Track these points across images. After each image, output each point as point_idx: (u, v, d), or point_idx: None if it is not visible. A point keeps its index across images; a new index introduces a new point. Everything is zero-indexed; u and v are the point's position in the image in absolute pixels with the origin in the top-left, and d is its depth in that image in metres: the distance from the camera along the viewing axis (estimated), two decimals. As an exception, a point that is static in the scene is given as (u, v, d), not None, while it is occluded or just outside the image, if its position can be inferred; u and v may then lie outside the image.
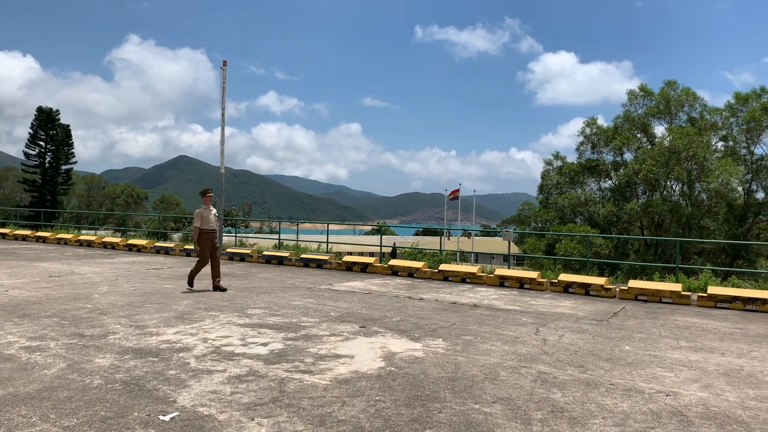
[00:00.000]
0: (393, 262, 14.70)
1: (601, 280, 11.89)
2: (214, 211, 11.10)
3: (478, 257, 40.48)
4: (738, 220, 36.68)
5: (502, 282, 12.81)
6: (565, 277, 12.27)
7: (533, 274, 12.69)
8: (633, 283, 11.62)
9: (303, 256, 15.96)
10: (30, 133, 58.43)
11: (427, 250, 17.21)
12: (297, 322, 7.87)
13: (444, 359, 6.11)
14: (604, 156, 41.29)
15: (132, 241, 19.82)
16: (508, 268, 14.11)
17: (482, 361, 6.06)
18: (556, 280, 12.30)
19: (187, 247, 18.07)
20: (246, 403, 4.55)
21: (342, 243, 21.13)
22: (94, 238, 21.03)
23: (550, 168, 43.13)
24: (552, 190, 41.97)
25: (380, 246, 17.97)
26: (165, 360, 5.75)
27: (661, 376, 5.75)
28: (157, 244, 18.96)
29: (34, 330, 6.91)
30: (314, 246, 19.02)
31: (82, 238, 21.28)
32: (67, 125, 60.30)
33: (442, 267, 13.76)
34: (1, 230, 24.12)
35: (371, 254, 25.85)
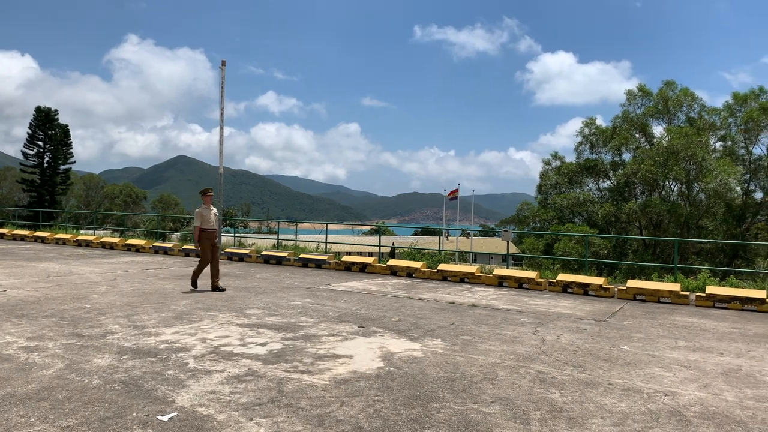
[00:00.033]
0: (392, 262, 14.70)
1: (599, 280, 11.90)
2: (214, 211, 11.10)
3: (476, 257, 40.49)
4: (736, 220, 36.73)
5: (500, 282, 12.81)
6: (563, 277, 12.27)
7: (532, 274, 12.70)
8: (631, 283, 11.64)
9: (302, 256, 15.96)
10: (28, 133, 58.42)
11: (426, 250, 17.21)
12: (296, 322, 7.87)
13: (443, 359, 6.12)
14: (602, 156, 41.34)
15: (130, 241, 19.81)
16: (507, 268, 14.12)
17: (481, 361, 6.06)
18: (555, 280, 12.31)
19: (185, 247, 18.06)
20: (245, 403, 4.55)
21: (341, 243, 21.14)
22: (92, 238, 21.02)
23: (549, 168, 43.17)
24: (550, 190, 42.01)
25: (379, 246, 17.97)
26: (163, 360, 5.75)
27: (660, 375, 5.76)
28: (156, 244, 18.95)
29: (33, 330, 6.91)
30: (313, 246, 19.02)
31: (80, 238, 21.27)
32: (66, 125, 60.28)
33: (441, 267, 13.77)
34: (-1, 230, 24.10)
35: (370, 254, 25.86)
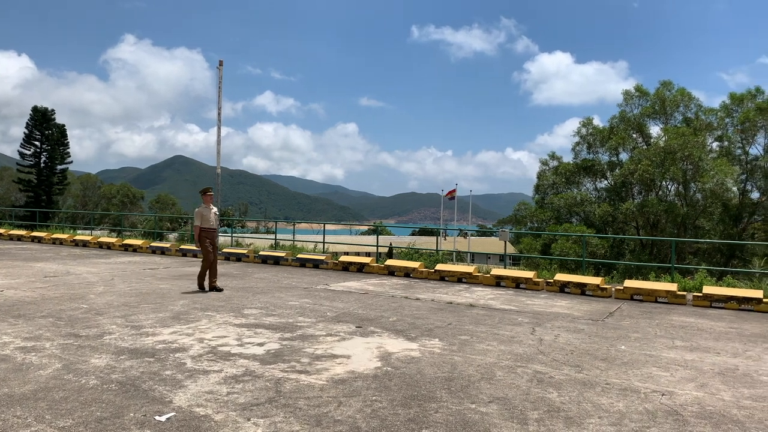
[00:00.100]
0: (389, 262, 14.70)
1: (596, 280, 11.92)
2: (214, 210, 11.08)
3: (474, 257, 40.50)
4: (733, 220, 36.83)
5: (498, 282, 12.82)
6: (561, 277, 12.29)
7: (529, 274, 12.71)
8: (629, 283, 11.66)
9: (299, 256, 15.95)
10: (25, 133, 58.29)
11: (424, 250, 17.22)
12: (293, 322, 7.86)
13: (440, 359, 6.12)
14: (599, 156, 41.43)
15: (128, 241, 19.77)
16: (505, 268, 14.14)
17: (478, 361, 6.07)
18: (552, 280, 12.32)
19: (183, 247, 18.04)
20: (242, 404, 4.55)
21: (338, 243, 21.14)
22: (89, 238, 20.97)
23: (546, 168, 43.25)
24: (548, 190, 42.08)
25: (377, 246, 17.98)
26: (161, 360, 5.74)
27: (657, 375, 5.77)
28: (153, 244, 18.92)
29: (30, 330, 6.89)
30: (311, 246, 19.01)
31: (77, 238, 21.22)
32: (63, 125, 60.14)
33: (439, 267, 13.78)
34: (-4, 230, 24.03)
35: (368, 254, 25.87)
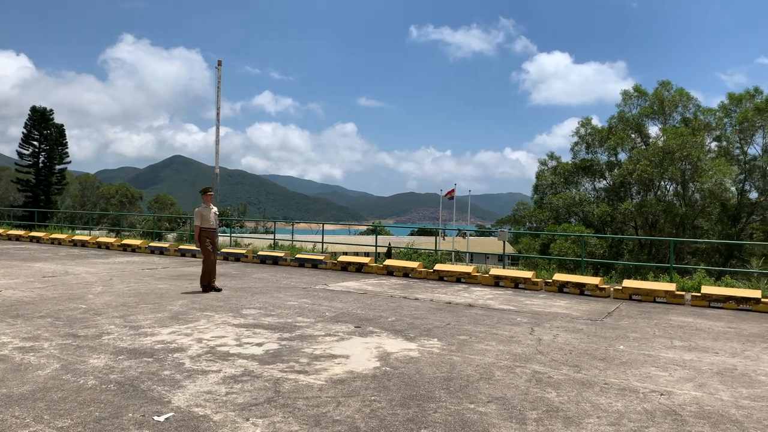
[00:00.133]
0: (388, 262, 14.70)
1: (595, 280, 11.93)
2: (214, 210, 11.06)
3: (473, 257, 40.52)
4: (731, 220, 36.89)
5: (497, 282, 12.83)
6: (559, 277, 12.30)
7: (528, 274, 12.71)
8: (627, 283, 11.67)
9: (298, 256, 15.95)
10: (24, 133, 58.20)
11: (423, 250, 17.22)
12: (292, 323, 7.86)
13: (439, 359, 6.12)
14: (598, 156, 41.48)
15: (126, 241, 19.75)
16: (503, 268, 14.14)
17: (477, 361, 6.07)
18: (551, 280, 12.33)
19: (181, 247, 18.03)
20: (241, 404, 4.55)
21: (337, 243, 21.15)
22: (88, 238, 20.95)
23: (545, 168, 43.29)
24: (547, 190, 42.12)
25: (375, 246, 17.98)
26: (160, 360, 5.74)
27: (656, 375, 5.77)
28: (152, 245, 18.91)
29: (28, 330, 6.88)
30: (309, 246, 19.01)
31: (76, 238, 21.20)
32: (61, 125, 60.07)
33: (438, 267, 13.78)
34: (-6, 230, 24.00)
35: (366, 254, 25.86)
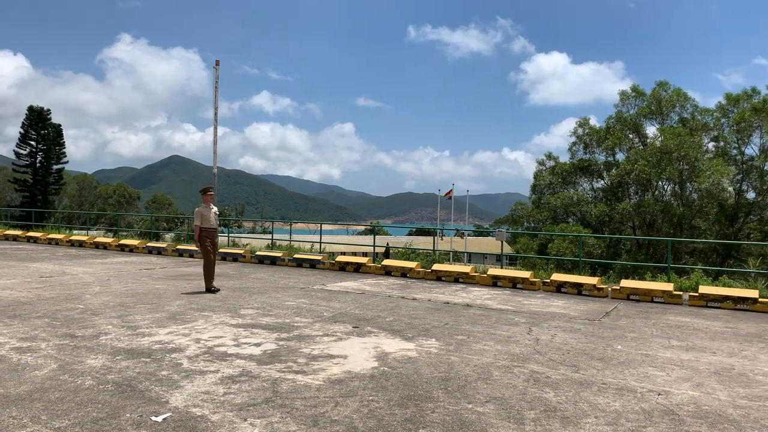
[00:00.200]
0: (386, 262, 14.70)
1: (593, 280, 11.94)
2: (214, 210, 11.03)
3: (471, 257, 40.54)
4: (729, 220, 36.94)
5: (495, 282, 12.83)
6: (557, 277, 12.31)
7: (526, 274, 12.72)
8: (625, 283, 11.68)
9: (296, 256, 15.94)
10: (21, 133, 58.08)
11: (421, 250, 17.23)
12: (290, 323, 7.86)
13: (437, 359, 6.12)
14: (596, 156, 41.50)
15: (124, 242, 19.72)
16: (501, 268, 14.15)
17: (475, 361, 6.07)
18: (549, 280, 12.34)
19: (179, 248, 18.01)
20: (239, 404, 4.54)
21: (335, 243, 21.13)
22: (85, 238, 20.91)
23: (543, 168, 43.31)
24: (544, 190, 42.14)
25: (373, 246, 17.97)
26: (157, 361, 5.73)
27: (653, 375, 5.78)
28: (150, 245, 18.88)
29: (25, 331, 6.86)
30: (307, 246, 19.00)
31: (73, 238, 21.16)
32: (59, 124, 59.95)
33: (435, 267, 13.78)
34: (-9, 230, 23.95)
35: (364, 254, 25.85)
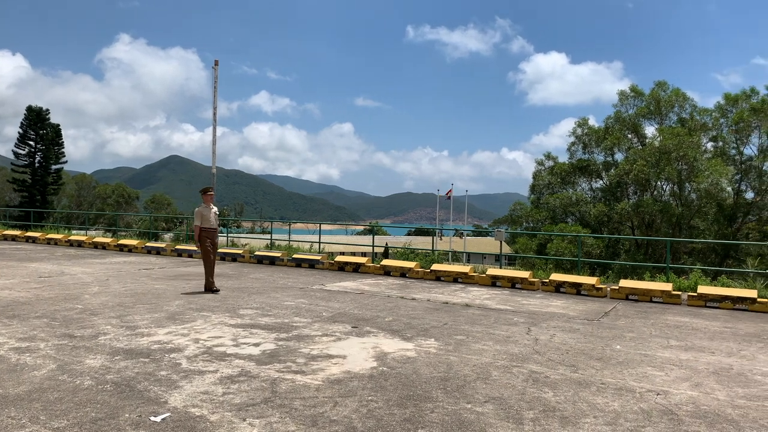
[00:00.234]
0: (385, 262, 14.70)
1: (592, 280, 11.95)
2: (214, 210, 11.02)
3: (470, 257, 40.55)
4: (727, 220, 36.98)
5: (493, 282, 12.84)
6: (556, 277, 12.31)
7: (525, 274, 12.73)
8: (624, 283, 11.69)
9: (295, 256, 15.93)
10: (19, 133, 58.00)
11: (420, 250, 17.23)
12: (289, 323, 7.85)
13: (436, 359, 6.12)
14: (595, 156, 41.54)
15: (123, 242, 19.71)
16: (500, 268, 14.15)
17: (474, 361, 6.07)
18: (548, 280, 12.34)
19: (178, 248, 17.99)
20: (238, 404, 4.54)
21: (334, 243, 21.13)
22: (84, 238, 20.90)
23: (542, 168, 43.34)
24: (543, 190, 42.17)
25: (372, 246, 17.98)
26: (156, 361, 5.72)
27: (652, 375, 5.79)
28: (148, 245, 18.87)
29: (24, 331, 6.86)
30: (306, 246, 19.00)
31: (72, 238, 21.14)
32: (57, 124, 59.89)
33: (434, 267, 13.78)
34: (-10, 230, 23.92)
35: (363, 254, 25.84)
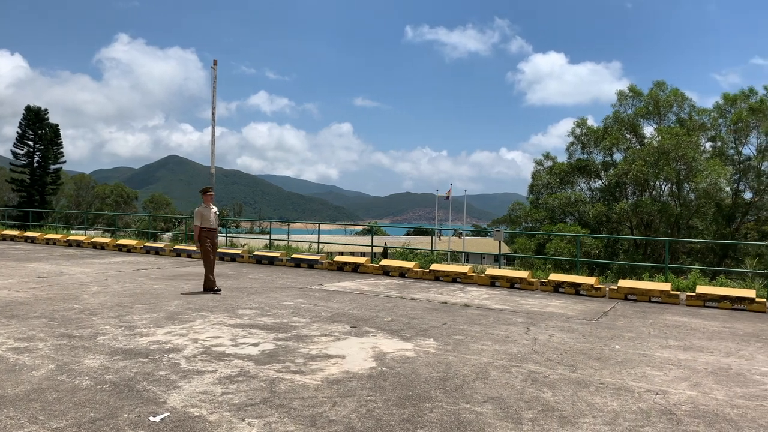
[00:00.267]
0: (384, 262, 14.70)
1: (591, 280, 11.96)
2: (214, 210, 11.01)
3: (468, 257, 40.55)
4: (726, 220, 37.00)
5: (492, 282, 12.84)
6: (555, 277, 12.32)
7: (524, 274, 12.74)
8: (623, 283, 11.70)
9: (294, 256, 15.93)
10: (18, 133, 57.95)
11: (419, 250, 17.23)
12: (288, 323, 7.85)
13: (435, 359, 6.12)
14: (593, 156, 41.54)
15: (122, 242, 19.69)
16: (499, 268, 14.16)
17: (473, 361, 6.08)
18: (547, 280, 12.35)
19: (177, 248, 17.98)
20: (237, 404, 4.54)
21: (333, 243, 21.13)
22: (83, 238, 20.88)
23: (541, 168, 43.33)
24: (542, 190, 42.16)
25: (371, 246, 17.97)
26: (155, 361, 5.72)
27: (651, 375, 5.79)
28: (147, 245, 18.86)
29: (23, 331, 6.85)
30: (305, 246, 19.00)
31: (71, 238, 21.13)
32: (56, 124, 59.85)
33: (433, 267, 13.78)
34: (-12, 230, 23.89)
35: (362, 254, 25.84)
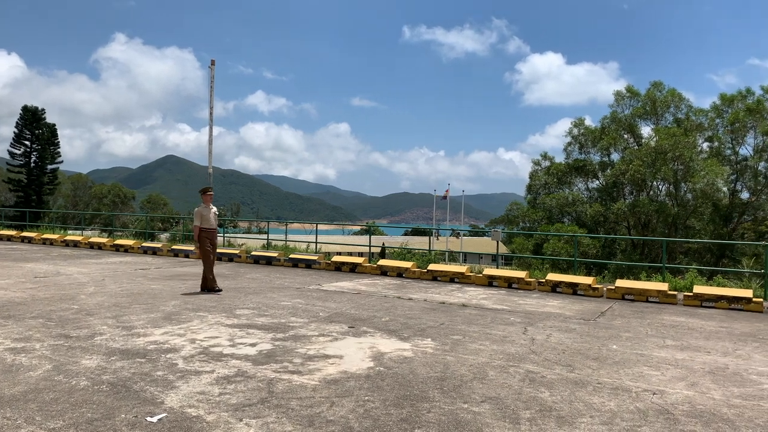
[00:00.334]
0: (382, 262, 14.70)
1: (588, 280, 11.97)
2: (214, 210, 11.00)
3: (466, 257, 40.59)
4: (723, 220, 37.11)
5: (490, 282, 12.85)
6: (552, 277, 12.33)
7: (521, 274, 12.75)
8: (620, 283, 11.71)
9: (292, 256, 15.92)
10: (15, 132, 57.83)
11: (416, 250, 17.23)
12: (286, 323, 7.85)
13: (433, 359, 6.12)
14: (591, 156, 41.64)
15: (119, 242, 19.66)
16: (497, 268, 14.17)
17: (471, 361, 6.08)
18: (544, 280, 12.36)
19: (174, 248, 17.96)
20: (234, 404, 4.54)
21: (331, 243, 21.11)
22: (80, 238, 20.84)
23: (538, 168, 43.40)
24: (540, 190, 42.23)
25: (369, 246, 17.97)
26: (152, 361, 5.71)
27: (648, 374, 5.80)
28: (145, 245, 18.82)
29: (19, 331, 6.83)
30: (303, 246, 18.98)
31: (68, 238, 21.08)
32: (53, 124, 59.74)
33: (431, 267, 13.79)
34: (-15, 230, 23.82)
35: (360, 254, 25.84)
